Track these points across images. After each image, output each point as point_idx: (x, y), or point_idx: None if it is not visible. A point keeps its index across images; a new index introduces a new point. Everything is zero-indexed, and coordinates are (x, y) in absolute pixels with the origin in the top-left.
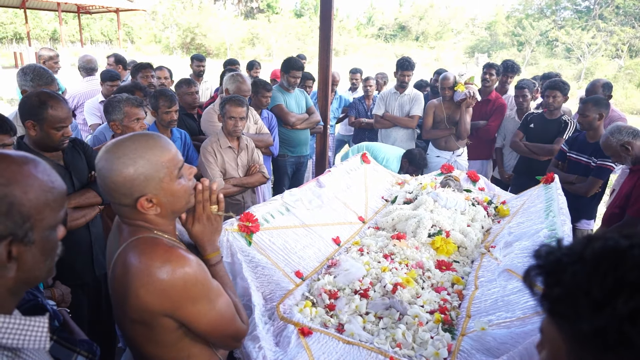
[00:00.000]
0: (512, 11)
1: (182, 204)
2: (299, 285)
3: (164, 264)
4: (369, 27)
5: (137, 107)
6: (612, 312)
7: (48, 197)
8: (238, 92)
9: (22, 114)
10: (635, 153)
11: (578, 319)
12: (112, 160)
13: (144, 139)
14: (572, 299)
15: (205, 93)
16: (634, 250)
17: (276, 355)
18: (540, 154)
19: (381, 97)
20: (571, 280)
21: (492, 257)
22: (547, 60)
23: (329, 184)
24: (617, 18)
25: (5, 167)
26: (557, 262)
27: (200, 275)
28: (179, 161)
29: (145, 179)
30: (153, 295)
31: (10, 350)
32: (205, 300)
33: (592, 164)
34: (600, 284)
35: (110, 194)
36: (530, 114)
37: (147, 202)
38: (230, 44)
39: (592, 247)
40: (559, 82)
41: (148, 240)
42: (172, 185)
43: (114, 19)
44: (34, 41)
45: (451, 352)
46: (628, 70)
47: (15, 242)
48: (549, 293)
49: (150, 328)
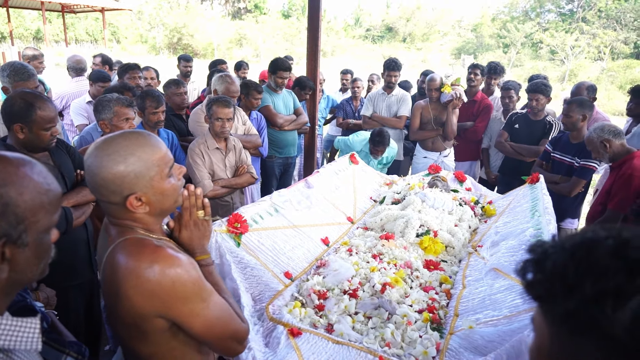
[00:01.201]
0: (497, 13)
1: (170, 202)
2: (288, 285)
3: (152, 264)
4: (357, 29)
5: (127, 107)
6: (581, 294)
7: (43, 199)
8: (227, 93)
9: (7, 118)
10: (613, 151)
11: (554, 302)
12: (102, 156)
13: (135, 137)
14: (550, 282)
15: (192, 94)
16: (608, 240)
17: (266, 356)
18: (526, 155)
19: (369, 97)
20: (551, 266)
21: (479, 256)
22: (532, 62)
23: (318, 185)
24: (600, 21)
25: (1, 168)
26: (544, 252)
27: (190, 274)
28: (170, 160)
29: (135, 177)
30: (143, 296)
31: (2, 352)
32: (198, 299)
33: (575, 164)
34: (575, 268)
35: (99, 191)
36: (515, 114)
37: (136, 201)
38: (218, 44)
39: (574, 238)
40: (540, 85)
41: (136, 241)
42: (162, 184)
43: (99, 18)
44: (17, 40)
45: (439, 350)
46: (610, 72)
47: (9, 244)
48: (533, 279)
49: (142, 328)
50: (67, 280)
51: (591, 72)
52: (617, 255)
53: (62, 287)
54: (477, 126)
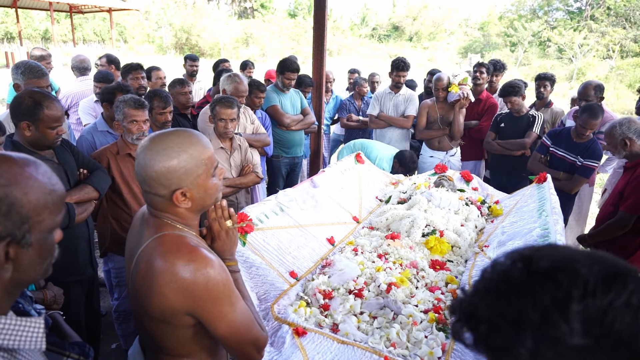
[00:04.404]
0: (504, 12)
1: (211, 200)
2: (294, 285)
3: (188, 263)
4: (363, 28)
5: (134, 108)
6: (529, 323)
7: (48, 199)
8: (235, 92)
9: (16, 115)
10: (631, 150)
11: (511, 346)
12: (157, 150)
13: (188, 135)
14: (497, 329)
15: (198, 93)
16: (516, 265)
17: (271, 355)
18: (513, 149)
19: (376, 97)
20: (488, 314)
21: (485, 256)
22: (540, 61)
23: (323, 184)
24: (609, 19)
25: (6, 168)
26: (470, 306)
27: (222, 277)
28: (215, 160)
29: (185, 173)
30: (177, 293)
31: (6, 351)
32: (227, 301)
33: (577, 163)
34: (508, 303)
35: (148, 183)
36: (499, 115)
37: (181, 196)
38: (224, 43)
39: (486, 278)
40: (508, 88)
41: (173, 237)
42: (207, 182)
43: (107, 18)
44: (26, 41)
45: (445, 351)
46: (619, 70)
47: (13, 244)
48: (480, 335)
49: (170, 324)
50: (68, 276)
51: (600, 70)
52: (532, 273)
53: (63, 283)
54: (482, 125)
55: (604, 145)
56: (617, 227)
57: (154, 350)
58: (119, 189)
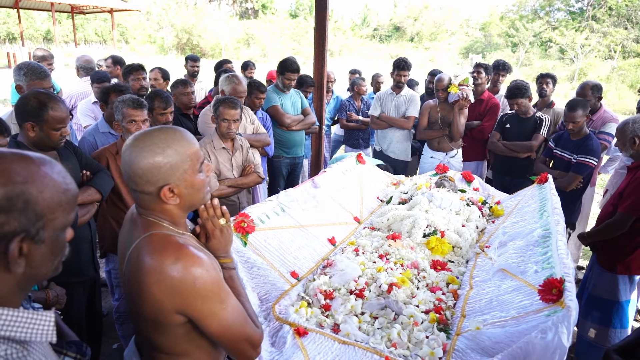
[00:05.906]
0: (506, 12)
1: (200, 197)
2: (295, 285)
3: (176, 262)
4: (364, 28)
5: (133, 108)
6: None
7: (62, 198)
8: (234, 93)
9: (20, 116)
10: (638, 149)
11: None
12: (141, 147)
13: (172, 131)
14: None
15: (199, 93)
16: None
17: (272, 355)
18: (519, 151)
19: (377, 97)
20: None
21: (486, 257)
22: (541, 61)
23: (324, 185)
24: (610, 19)
25: (24, 166)
26: None
27: (210, 275)
28: (201, 156)
29: (171, 168)
30: (165, 292)
31: (19, 343)
32: (216, 299)
33: (572, 160)
34: None
35: (134, 180)
36: (505, 115)
37: (169, 192)
38: (225, 44)
39: None
40: (515, 90)
41: (161, 237)
42: (194, 178)
43: (108, 19)
44: (28, 41)
45: (446, 351)
46: (621, 71)
47: (27, 240)
48: None
49: (161, 323)
50: (71, 277)
51: (601, 70)
52: None
53: (65, 284)
54: (483, 125)
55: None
56: (615, 227)
57: (149, 349)
58: (119, 189)
